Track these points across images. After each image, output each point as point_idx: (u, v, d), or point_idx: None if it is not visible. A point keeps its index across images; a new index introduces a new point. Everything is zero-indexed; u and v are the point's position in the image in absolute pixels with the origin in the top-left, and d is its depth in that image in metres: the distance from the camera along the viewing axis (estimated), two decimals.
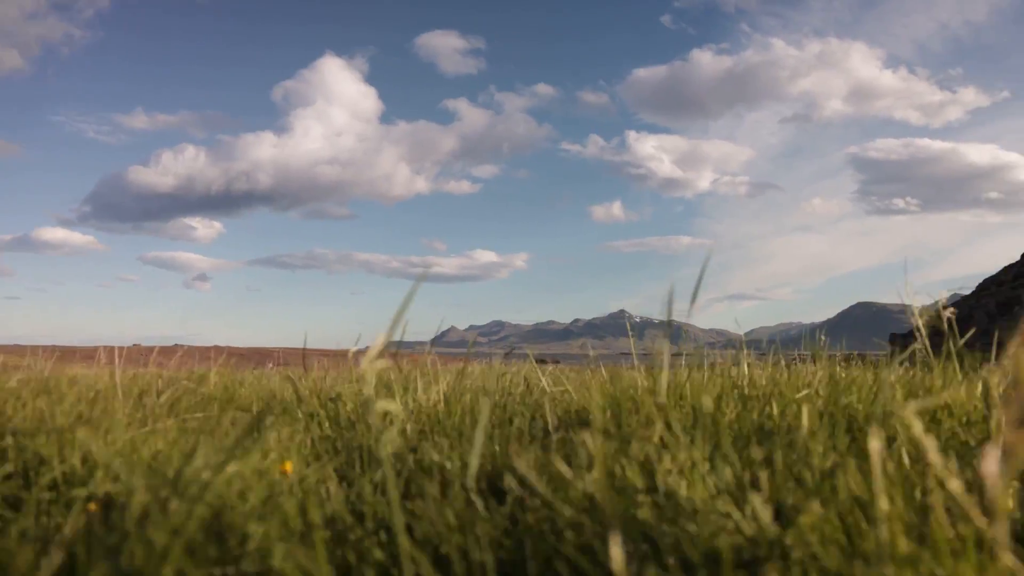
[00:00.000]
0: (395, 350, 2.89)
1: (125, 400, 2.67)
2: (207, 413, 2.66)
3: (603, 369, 3.13)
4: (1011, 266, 32.08)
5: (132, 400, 2.96)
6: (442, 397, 2.46)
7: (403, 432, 2.05)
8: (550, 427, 2.11)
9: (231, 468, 1.19)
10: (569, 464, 1.47)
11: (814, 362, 2.76)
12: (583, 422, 2.05)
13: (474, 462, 0.94)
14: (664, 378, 1.36)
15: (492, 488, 1.46)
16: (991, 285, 32.44)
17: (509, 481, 1.11)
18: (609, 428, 1.61)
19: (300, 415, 2.36)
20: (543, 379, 2.64)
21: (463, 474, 1.48)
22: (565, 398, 2.60)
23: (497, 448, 1.58)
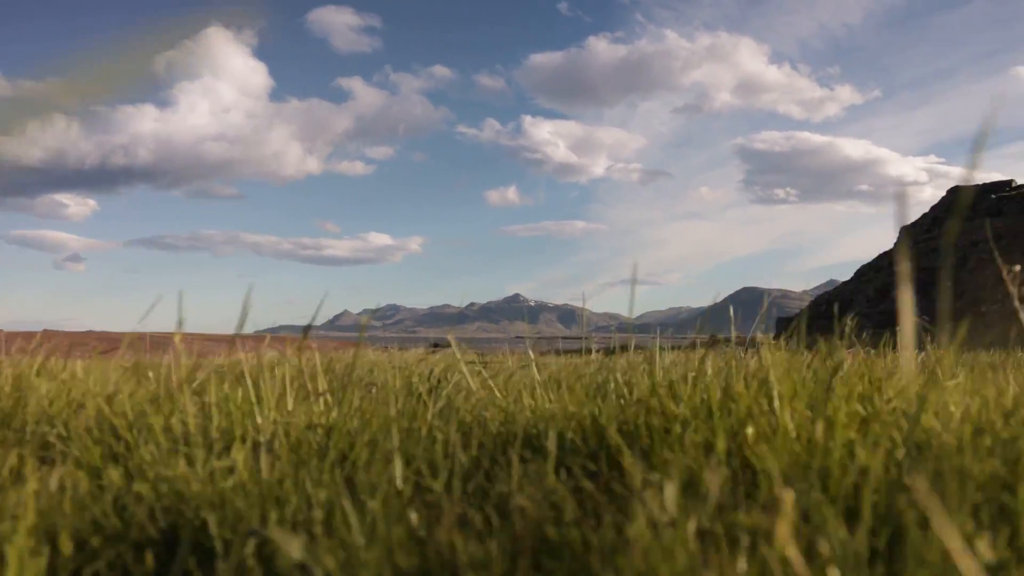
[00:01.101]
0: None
1: None
2: None
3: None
4: (886, 253, 34.49)
5: None
6: (323, 407, 1.74)
7: (253, 472, 1.32)
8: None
9: None
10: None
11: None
12: (535, 444, 1.40)
13: None
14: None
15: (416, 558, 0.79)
16: (868, 271, 34.70)
17: None
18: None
19: (98, 437, 1.57)
20: (471, 381, 1.97)
21: None
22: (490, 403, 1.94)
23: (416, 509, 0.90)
